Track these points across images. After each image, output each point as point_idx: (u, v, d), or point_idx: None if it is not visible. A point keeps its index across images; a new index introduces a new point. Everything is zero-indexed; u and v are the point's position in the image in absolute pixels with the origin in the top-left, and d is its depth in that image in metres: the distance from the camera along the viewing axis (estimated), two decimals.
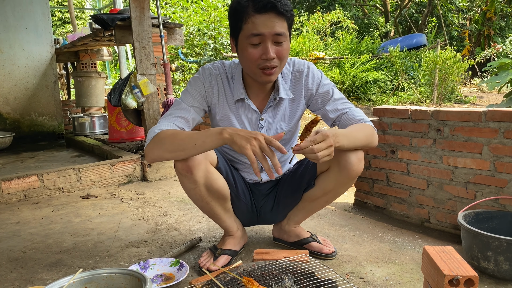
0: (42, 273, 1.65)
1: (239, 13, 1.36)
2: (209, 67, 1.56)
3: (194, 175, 1.43)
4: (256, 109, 1.55)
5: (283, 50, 1.39)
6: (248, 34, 1.35)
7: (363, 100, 7.45)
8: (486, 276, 1.50)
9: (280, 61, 1.41)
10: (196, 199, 1.55)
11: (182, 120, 1.45)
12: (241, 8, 1.35)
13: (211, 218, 1.66)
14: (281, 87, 1.54)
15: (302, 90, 1.58)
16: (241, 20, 1.36)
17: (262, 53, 1.37)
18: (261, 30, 1.33)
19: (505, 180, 1.71)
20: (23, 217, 2.38)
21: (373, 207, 2.28)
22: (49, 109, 4.76)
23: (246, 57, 1.40)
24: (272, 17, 1.33)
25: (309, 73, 1.57)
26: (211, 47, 7.37)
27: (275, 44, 1.37)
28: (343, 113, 1.53)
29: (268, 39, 1.35)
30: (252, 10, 1.33)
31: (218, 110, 1.56)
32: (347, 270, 1.58)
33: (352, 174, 1.48)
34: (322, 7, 12.73)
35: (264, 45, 1.36)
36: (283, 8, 1.33)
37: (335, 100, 1.56)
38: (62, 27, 15.09)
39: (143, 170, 3.15)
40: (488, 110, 1.75)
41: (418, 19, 12.38)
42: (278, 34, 1.35)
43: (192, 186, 1.48)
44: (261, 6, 1.32)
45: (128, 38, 3.12)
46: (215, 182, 1.51)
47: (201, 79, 1.53)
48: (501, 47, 9.54)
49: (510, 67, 3.74)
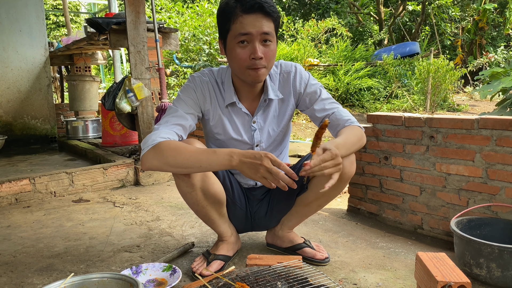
0: (33, 278, 1.63)
1: (227, 14, 1.39)
2: (198, 75, 1.57)
3: (191, 178, 1.43)
4: (247, 112, 1.57)
5: (270, 51, 1.41)
6: (236, 34, 1.38)
7: (357, 107, 7.50)
8: (479, 283, 1.51)
9: (268, 62, 1.43)
10: (192, 203, 1.54)
11: (180, 128, 1.43)
12: (229, 9, 1.39)
13: (206, 223, 1.65)
14: (270, 88, 1.56)
15: (291, 90, 1.60)
16: (229, 20, 1.39)
17: (250, 53, 1.39)
18: (248, 30, 1.36)
19: (497, 187, 1.73)
20: (14, 221, 2.35)
21: (366, 213, 2.28)
22: (42, 112, 4.72)
23: (234, 58, 1.42)
24: (260, 17, 1.37)
25: (297, 73, 1.60)
26: (206, 53, 7.38)
27: (263, 44, 1.40)
28: (330, 114, 1.55)
29: (256, 38, 1.38)
30: (239, 11, 1.36)
31: (212, 116, 1.56)
32: (340, 276, 1.58)
33: (344, 177, 1.49)
34: (316, 15, 12.83)
35: (252, 45, 1.39)
36: (269, 8, 1.37)
37: (323, 100, 1.58)
38: (56, 31, 15.04)
39: (136, 175, 3.13)
40: (480, 117, 1.77)
41: (411, 27, 12.52)
42: (265, 33, 1.38)
43: (189, 190, 1.47)
44: (248, 7, 1.35)
45: (123, 42, 3.12)
46: (212, 186, 1.50)
47: (192, 87, 1.53)
48: (493, 56, 9.67)
49: (501, 76, 3.78)
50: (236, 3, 1.37)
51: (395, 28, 12.47)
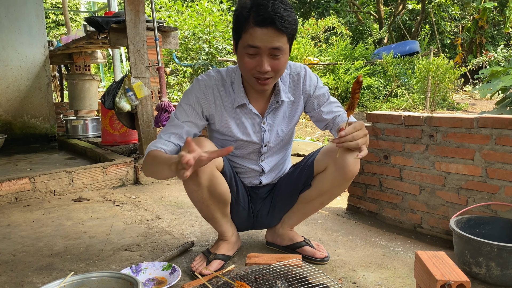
0: (32, 277, 1.63)
1: (240, 22, 1.35)
2: (204, 78, 1.55)
3: (199, 177, 1.42)
4: (257, 113, 1.56)
5: (280, 64, 1.39)
6: (245, 44, 1.36)
7: (357, 106, 7.49)
8: (478, 282, 1.51)
9: (276, 73, 1.41)
10: (197, 201, 1.54)
11: (175, 137, 1.48)
12: (242, 17, 1.34)
13: (208, 221, 1.66)
14: (281, 90, 1.56)
15: (301, 92, 1.61)
16: (241, 28, 1.36)
17: (256, 65, 1.37)
18: (257, 44, 1.33)
19: (496, 186, 1.73)
20: (13, 219, 2.35)
21: (366, 212, 2.28)
22: (42, 111, 4.72)
23: (242, 65, 1.42)
24: (271, 32, 1.31)
25: (307, 76, 1.61)
26: (205, 51, 7.38)
27: (272, 57, 1.37)
28: (337, 116, 1.61)
29: (264, 52, 1.35)
30: (252, 22, 1.32)
31: (217, 120, 1.56)
32: (340, 275, 1.58)
33: (348, 174, 1.51)
34: (316, 13, 12.81)
35: (259, 58, 1.36)
36: (283, 24, 1.31)
37: (331, 103, 1.63)
38: (56, 29, 15.02)
39: (136, 174, 3.13)
40: (480, 116, 1.77)
41: (411, 26, 12.50)
42: (275, 48, 1.34)
43: (195, 188, 1.47)
44: (261, 20, 1.30)
45: (122, 41, 3.12)
46: (218, 186, 1.51)
47: (195, 92, 1.53)
48: (492, 55, 9.66)
49: (501, 74, 3.78)
50: (250, 12, 1.32)
51: (395, 27, 12.47)
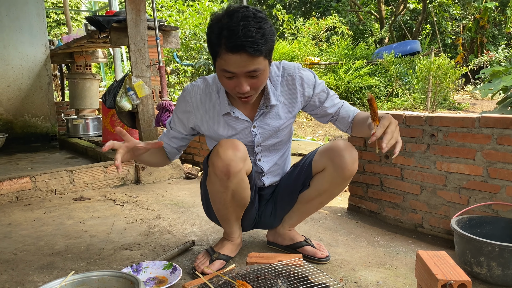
0: (33, 275, 1.63)
1: (213, 45, 1.30)
2: (188, 90, 1.55)
3: (230, 181, 1.42)
4: (246, 118, 1.53)
5: (259, 82, 1.34)
6: (221, 68, 1.31)
7: (358, 106, 7.49)
8: (479, 281, 1.51)
9: (256, 90, 1.38)
10: (218, 202, 1.54)
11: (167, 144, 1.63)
12: (215, 41, 1.28)
13: (220, 220, 1.65)
14: (271, 94, 1.51)
15: (297, 94, 1.56)
16: (215, 52, 1.30)
17: (235, 86, 1.33)
18: (232, 70, 1.28)
19: (497, 186, 1.72)
20: (14, 218, 2.35)
21: (367, 211, 2.28)
22: (43, 110, 4.72)
23: (222, 84, 1.40)
24: (244, 57, 1.25)
25: (303, 77, 1.55)
26: (206, 51, 7.38)
27: (250, 78, 1.32)
28: (340, 107, 1.61)
29: (241, 75, 1.30)
30: (224, 48, 1.26)
31: (204, 128, 1.57)
32: (340, 274, 1.58)
33: (347, 173, 1.51)
34: (317, 13, 12.80)
35: (237, 79, 1.31)
36: (255, 49, 1.24)
37: (331, 96, 1.62)
38: (57, 29, 15.03)
39: (136, 173, 3.13)
40: (481, 116, 1.76)
41: (412, 26, 12.49)
42: (251, 71, 1.29)
43: (222, 190, 1.47)
44: (232, 46, 1.24)
45: (123, 40, 3.11)
46: (243, 191, 1.50)
47: (182, 102, 1.57)
48: (494, 55, 9.65)
49: (502, 74, 3.78)
50: (220, 38, 1.25)
51: (396, 27, 12.45)
